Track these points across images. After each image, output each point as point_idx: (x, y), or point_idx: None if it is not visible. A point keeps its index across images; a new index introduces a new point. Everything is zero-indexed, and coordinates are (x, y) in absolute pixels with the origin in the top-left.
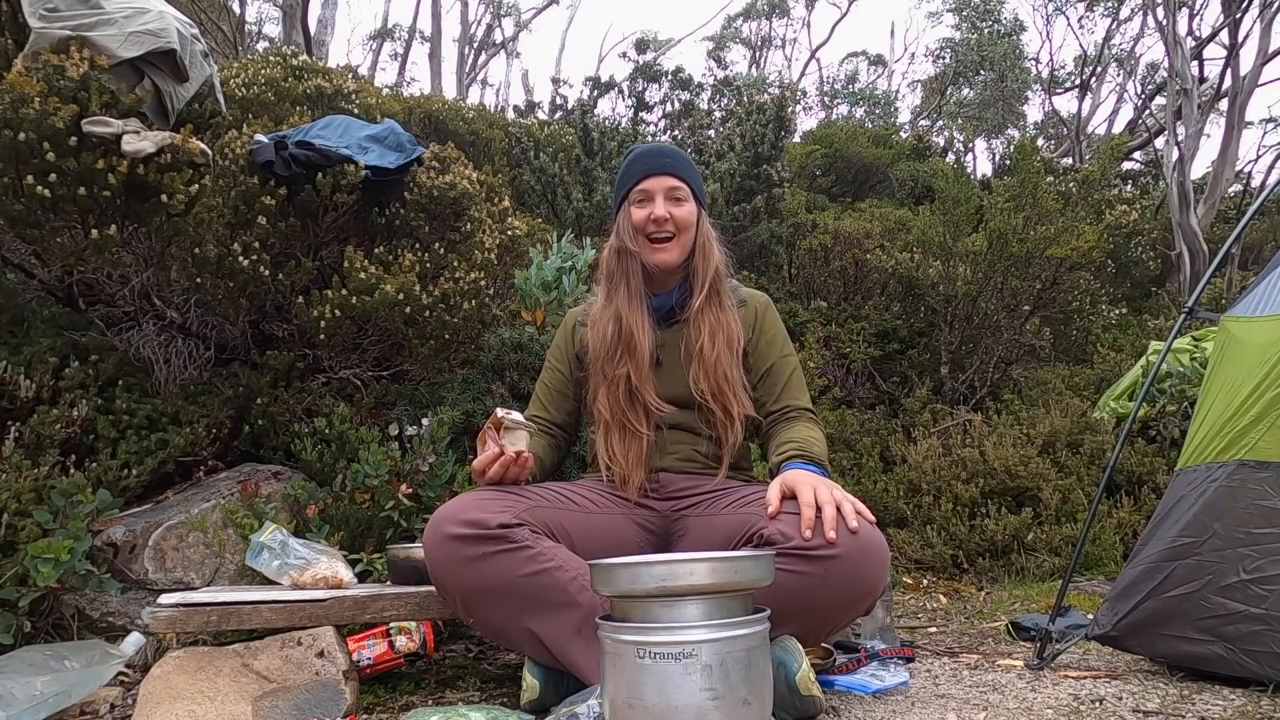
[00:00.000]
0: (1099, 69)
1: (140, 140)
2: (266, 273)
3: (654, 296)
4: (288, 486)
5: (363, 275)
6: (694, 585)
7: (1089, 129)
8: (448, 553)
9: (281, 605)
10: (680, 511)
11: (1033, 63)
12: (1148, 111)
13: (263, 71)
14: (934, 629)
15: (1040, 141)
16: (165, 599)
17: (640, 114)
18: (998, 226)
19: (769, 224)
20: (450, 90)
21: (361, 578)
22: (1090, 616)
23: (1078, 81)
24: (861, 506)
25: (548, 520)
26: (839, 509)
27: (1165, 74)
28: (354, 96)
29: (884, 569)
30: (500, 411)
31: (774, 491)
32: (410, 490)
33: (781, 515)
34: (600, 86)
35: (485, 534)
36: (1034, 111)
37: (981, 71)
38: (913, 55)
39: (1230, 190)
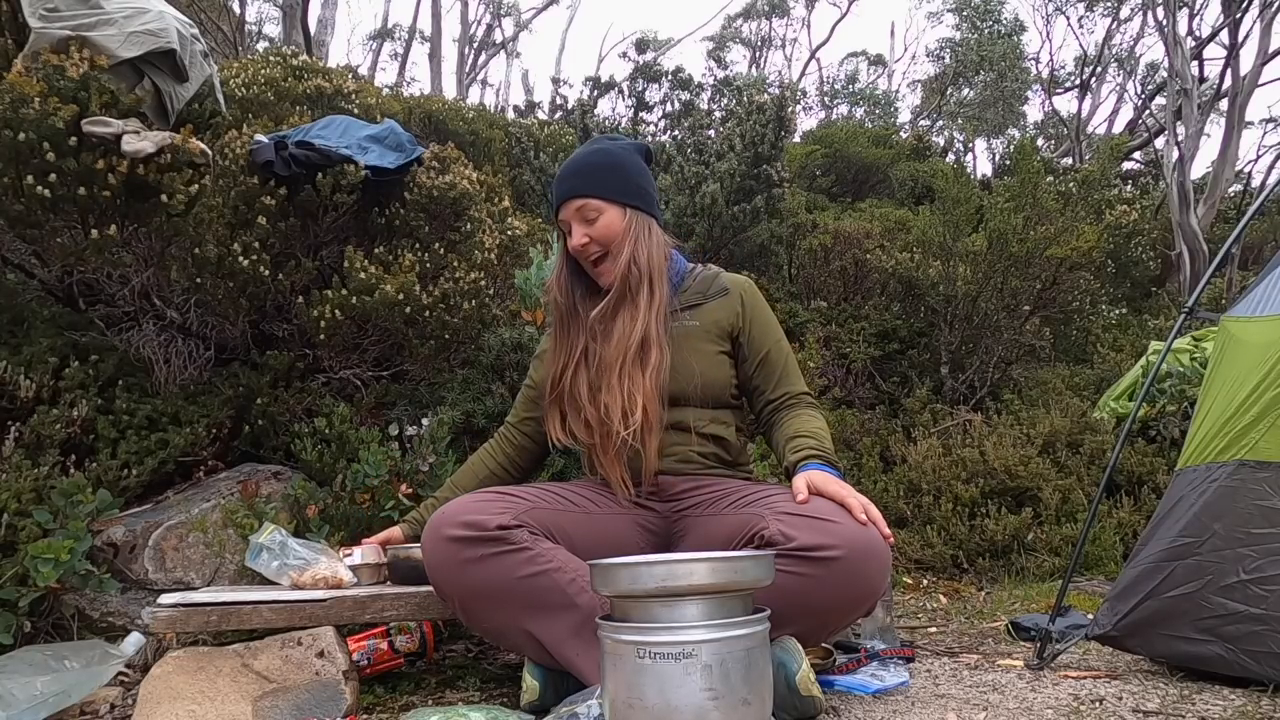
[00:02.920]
0: (1099, 69)
1: (140, 140)
2: (266, 273)
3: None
4: (288, 486)
5: (363, 275)
6: (694, 585)
7: (1089, 129)
8: (446, 554)
9: (281, 605)
10: (681, 512)
11: (1033, 63)
12: (1148, 111)
13: (263, 71)
14: (934, 629)
15: (1040, 141)
16: (165, 599)
17: (640, 114)
18: (998, 226)
19: (769, 224)
20: (450, 90)
21: None
22: (1090, 616)
23: (1078, 81)
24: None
25: (547, 522)
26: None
27: (1165, 74)
28: (354, 96)
29: (885, 571)
30: (342, 555)
31: (801, 485)
32: (410, 490)
33: (783, 517)
34: (600, 86)
35: (484, 535)
36: (1034, 111)
37: (981, 71)
38: (913, 55)
39: (1230, 190)
